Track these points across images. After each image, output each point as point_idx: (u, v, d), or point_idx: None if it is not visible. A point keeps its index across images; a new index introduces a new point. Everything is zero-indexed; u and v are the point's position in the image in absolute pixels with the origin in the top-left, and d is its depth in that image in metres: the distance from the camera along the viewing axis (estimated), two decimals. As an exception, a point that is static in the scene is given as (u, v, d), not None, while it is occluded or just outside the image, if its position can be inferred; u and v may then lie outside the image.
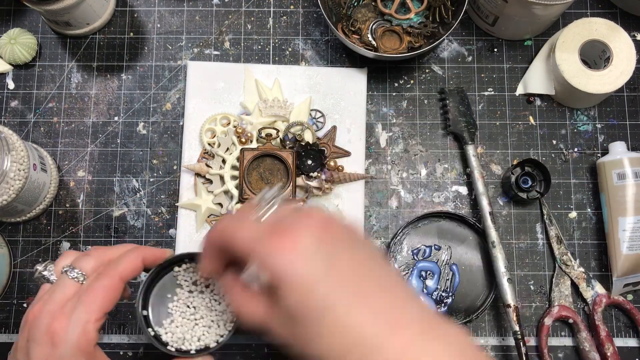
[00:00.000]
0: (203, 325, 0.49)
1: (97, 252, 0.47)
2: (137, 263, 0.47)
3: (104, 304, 0.44)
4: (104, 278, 0.45)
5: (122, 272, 0.45)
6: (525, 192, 0.65)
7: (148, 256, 0.48)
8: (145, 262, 0.47)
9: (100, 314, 0.44)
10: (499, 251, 0.62)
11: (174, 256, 0.49)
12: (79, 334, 0.42)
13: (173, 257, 0.49)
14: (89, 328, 0.43)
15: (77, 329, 0.43)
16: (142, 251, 0.47)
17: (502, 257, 0.62)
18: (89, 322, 0.43)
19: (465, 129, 0.67)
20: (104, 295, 0.44)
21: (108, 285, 0.45)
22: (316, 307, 0.37)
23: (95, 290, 0.44)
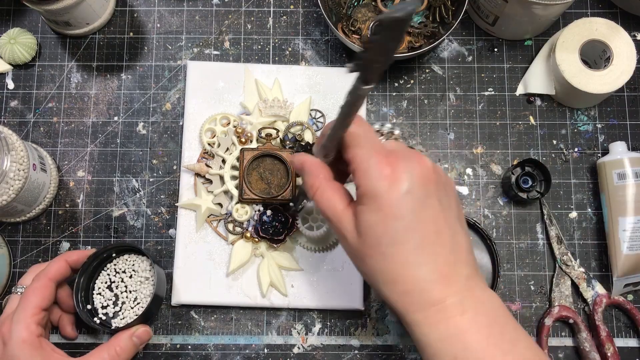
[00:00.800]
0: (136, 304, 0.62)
1: (32, 267, 0.60)
2: (62, 264, 0.58)
3: (37, 301, 0.54)
4: (34, 282, 0.56)
5: (49, 274, 0.56)
6: (526, 192, 0.65)
7: (71, 257, 0.59)
8: (70, 263, 0.59)
9: (36, 310, 0.54)
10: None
11: (101, 250, 0.60)
12: (19, 330, 0.52)
13: (100, 251, 0.60)
14: (28, 322, 0.53)
15: (18, 326, 0.53)
16: (65, 255, 0.59)
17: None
18: (26, 317, 0.53)
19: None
20: (35, 294, 0.55)
21: (38, 286, 0.55)
22: (391, 235, 0.41)
23: (27, 293, 0.55)
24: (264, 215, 0.64)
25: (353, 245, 0.43)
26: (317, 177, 0.46)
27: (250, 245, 0.64)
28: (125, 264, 0.63)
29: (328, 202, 0.45)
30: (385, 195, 0.41)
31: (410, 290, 0.41)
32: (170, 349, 0.64)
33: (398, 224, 0.41)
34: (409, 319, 0.42)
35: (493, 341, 0.40)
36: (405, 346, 0.64)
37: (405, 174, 0.41)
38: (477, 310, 0.41)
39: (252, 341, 0.64)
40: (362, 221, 0.42)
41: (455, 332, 0.40)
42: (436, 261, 0.41)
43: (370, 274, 0.43)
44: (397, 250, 0.41)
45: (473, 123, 0.69)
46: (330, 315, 0.64)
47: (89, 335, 0.64)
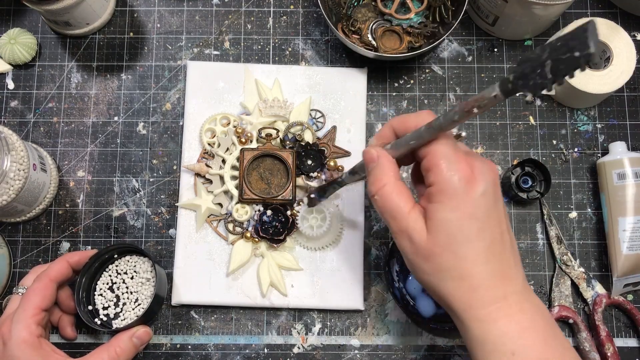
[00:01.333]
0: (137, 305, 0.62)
1: (34, 268, 0.60)
2: (63, 265, 0.58)
3: (37, 301, 0.55)
4: (35, 283, 0.56)
5: (50, 275, 0.57)
6: (526, 192, 0.65)
7: (73, 258, 0.59)
8: (71, 264, 0.59)
9: (36, 311, 0.54)
10: None
11: (103, 251, 0.61)
12: (19, 330, 0.53)
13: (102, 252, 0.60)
14: (28, 323, 0.53)
15: (18, 325, 0.53)
16: (67, 256, 0.59)
17: None
18: (25, 318, 0.53)
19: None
20: (36, 295, 0.55)
21: (38, 287, 0.55)
22: (466, 234, 0.42)
23: (28, 294, 0.55)
24: (264, 215, 0.64)
25: (420, 244, 0.44)
26: (388, 175, 0.46)
27: (250, 245, 0.64)
28: (126, 265, 0.63)
29: (394, 201, 0.45)
30: (464, 195, 0.42)
31: (477, 287, 0.43)
32: (170, 349, 0.64)
33: (473, 224, 0.43)
34: (471, 314, 0.43)
35: (550, 343, 0.42)
36: (405, 346, 0.64)
37: (482, 176, 0.43)
38: (535, 311, 0.44)
39: (252, 341, 0.64)
40: (436, 219, 0.43)
41: (516, 329, 0.42)
42: (501, 261, 0.44)
43: (435, 271, 0.44)
44: (470, 248, 0.43)
45: (473, 123, 0.69)
46: (330, 315, 0.65)
47: (89, 336, 0.64)
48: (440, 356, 0.64)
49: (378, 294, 0.65)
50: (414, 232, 0.44)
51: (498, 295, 0.43)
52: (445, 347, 0.64)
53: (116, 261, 0.63)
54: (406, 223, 0.45)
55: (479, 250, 0.43)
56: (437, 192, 0.43)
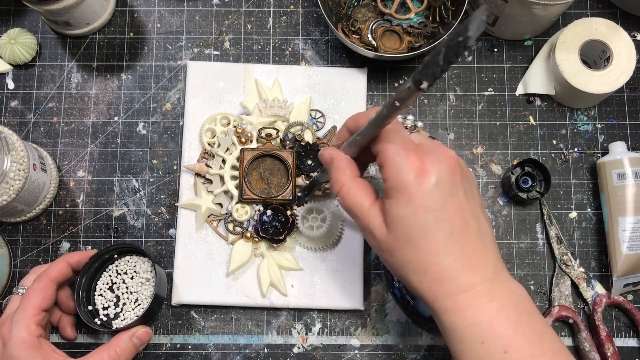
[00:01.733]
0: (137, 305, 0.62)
1: (34, 269, 0.60)
2: (63, 265, 0.58)
3: (37, 302, 0.54)
4: (35, 283, 0.56)
5: (51, 275, 0.56)
6: (525, 192, 0.65)
7: (73, 258, 0.59)
8: (71, 264, 0.59)
9: (36, 311, 0.54)
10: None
11: (103, 251, 0.60)
12: (19, 330, 0.52)
13: (102, 252, 0.60)
14: (28, 323, 0.53)
15: (18, 326, 0.53)
16: (67, 257, 0.59)
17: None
18: (26, 318, 0.53)
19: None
20: (36, 295, 0.55)
21: (39, 287, 0.55)
22: (422, 227, 0.42)
23: (28, 294, 0.55)
24: (264, 215, 0.64)
25: (381, 240, 0.44)
26: (344, 174, 0.47)
27: (250, 245, 0.64)
28: (126, 265, 0.63)
29: (354, 198, 0.46)
30: (415, 188, 0.42)
31: (440, 278, 0.43)
32: (170, 348, 0.64)
33: (428, 215, 0.42)
34: (438, 306, 0.43)
35: (521, 329, 0.42)
36: (405, 346, 0.64)
37: (433, 167, 0.43)
38: (505, 298, 0.43)
39: (252, 341, 0.64)
40: (391, 215, 0.43)
41: (484, 319, 0.42)
42: (464, 250, 0.43)
43: (399, 266, 0.44)
44: (428, 241, 0.42)
45: (473, 123, 0.69)
46: (330, 315, 0.65)
47: (89, 336, 0.64)
48: (440, 356, 0.64)
49: (378, 294, 0.65)
50: (374, 229, 0.45)
51: (463, 285, 0.42)
52: (445, 347, 0.64)
53: (116, 261, 0.63)
54: (367, 220, 0.45)
55: (438, 241, 0.42)
56: (389, 188, 0.43)
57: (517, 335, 0.41)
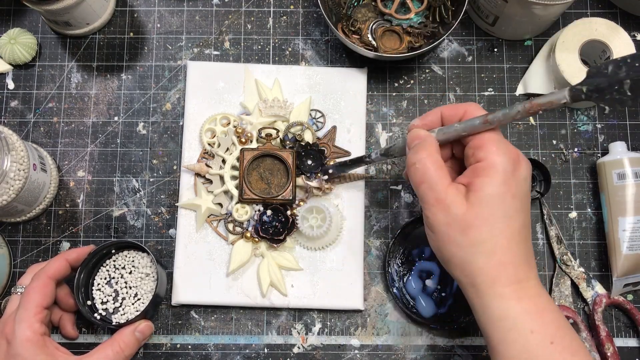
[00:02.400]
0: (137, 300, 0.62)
1: (31, 268, 0.60)
2: (62, 263, 0.57)
3: (38, 299, 0.54)
4: (34, 281, 0.56)
5: (49, 272, 0.56)
6: (525, 192, 0.65)
7: (71, 255, 0.59)
8: (70, 261, 0.58)
9: (38, 309, 0.54)
10: None
11: (101, 247, 0.60)
12: (23, 329, 0.52)
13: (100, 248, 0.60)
14: (31, 321, 0.53)
15: (20, 325, 0.53)
16: (65, 254, 0.59)
17: None
18: (28, 317, 0.53)
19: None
20: (36, 293, 0.55)
21: (38, 285, 0.55)
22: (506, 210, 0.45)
23: (28, 292, 0.55)
24: (264, 215, 0.64)
25: (458, 216, 0.46)
26: (430, 148, 0.49)
27: (250, 245, 0.64)
28: (124, 260, 0.63)
29: (436, 172, 0.47)
30: (511, 174, 0.45)
31: (506, 263, 0.45)
32: (170, 348, 0.64)
33: (515, 202, 0.45)
34: (495, 290, 0.45)
35: (562, 327, 0.45)
36: (405, 346, 0.64)
37: (524, 162, 0.47)
38: (548, 297, 0.46)
39: (252, 341, 0.64)
40: (482, 192, 0.45)
41: (536, 310, 0.45)
42: (527, 246, 0.47)
43: (468, 245, 0.45)
44: (507, 225, 0.45)
45: (473, 123, 0.69)
46: (330, 315, 0.65)
47: (90, 335, 0.64)
48: (440, 356, 0.64)
49: (378, 294, 0.65)
50: (453, 204, 0.46)
51: (522, 276, 0.45)
52: (445, 347, 0.64)
53: (114, 256, 0.63)
54: (445, 194, 0.46)
55: (513, 228, 0.45)
56: (486, 167, 0.46)
57: (559, 332, 0.44)
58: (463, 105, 0.50)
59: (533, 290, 0.46)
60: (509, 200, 0.45)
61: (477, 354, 0.64)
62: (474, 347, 0.64)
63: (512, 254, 0.45)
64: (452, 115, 0.51)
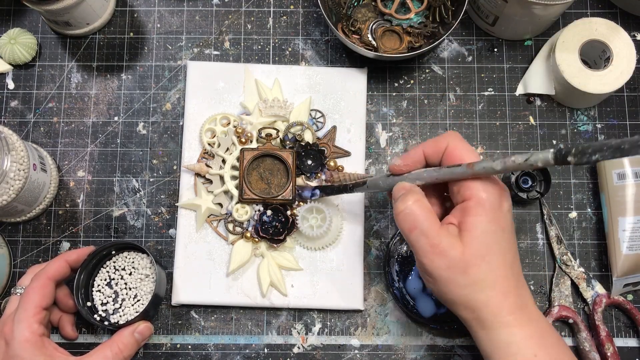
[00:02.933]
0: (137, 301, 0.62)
1: (31, 268, 0.60)
2: (61, 264, 0.57)
3: (37, 300, 0.54)
4: (34, 281, 0.56)
5: (48, 273, 0.56)
6: (525, 192, 0.65)
7: (71, 256, 0.59)
8: (69, 262, 0.58)
9: (36, 310, 0.54)
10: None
11: (100, 248, 0.60)
12: (22, 329, 0.52)
13: (100, 249, 0.60)
14: (30, 322, 0.53)
15: (20, 325, 0.53)
16: (65, 255, 0.59)
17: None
18: (27, 317, 0.53)
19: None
20: (35, 293, 0.54)
21: (37, 285, 0.55)
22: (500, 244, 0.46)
23: (27, 293, 0.55)
24: (264, 215, 0.64)
25: (457, 257, 0.46)
26: (416, 195, 0.49)
27: (250, 245, 0.64)
28: (124, 261, 0.63)
29: (427, 218, 0.47)
30: (498, 209, 0.47)
31: (507, 293, 0.46)
32: (170, 348, 0.64)
33: (506, 235, 0.47)
34: (501, 320, 0.46)
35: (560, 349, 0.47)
36: (405, 346, 0.64)
37: (507, 194, 0.48)
38: (545, 321, 0.48)
39: (252, 341, 0.64)
40: (476, 230, 0.46)
41: (538, 333, 0.46)
42: (519, 273, 0.49)
43: (471, 284, 0.46)
44: (502, 258, 0.46)
45: (473, 123, 0.69)
46: (330, 315, 0.65)
47: (89, 335, 0.64)
48: (441, 356, 0.64)
49: (378, 294, 0.65)
50: (449, 247, 0.46)
51: (521, 302, 0.47)
52: (445, 347, 0.64)
53: (114, 257, 0.63)
54: (439, 239, 0.46)
55: (507, 260, 0.47)
56: (475, 206, 0.46)
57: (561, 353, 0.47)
58: (444, 139, 0.50)
59: (534, 314, 0.47)
60: (500, 234, 0.46)
61: (477, 354, 0.64)
62: (474, 347, 0.64)
63: (511, 283, 0.47)
64: (435, 152, 0.50)
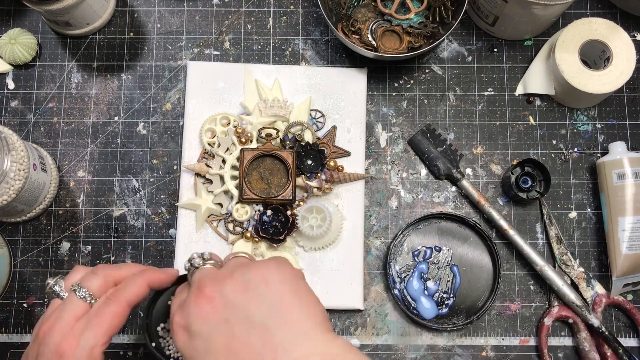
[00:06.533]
0: None
1: (104, 272, 0.48)
2: (144, 288, 0.48)
3: (111, 328, 0.45)
4: (112, 304, 0.46)
5: (129, 298, 0.47)
6: (525, 192, 0.65)
7: (154, 280, 0.49)
8: (151, 286, 0.48)
9: (107, 338, 0.45)
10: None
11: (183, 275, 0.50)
12: (86, 356, 0.44)
13: (183, 275, 0.50)
14: (96, 352, 0.44)
15: (85, 352, 0.44)
16: (149, 275, 0.48)
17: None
18: (96, 345, 0.44)
19: (452, 166, 0.67)
20: (111, 320, 0.45)
21: (115, 311, 0.46)
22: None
23: (103, 316, 0.45)
24: (264, 215, 0.64)
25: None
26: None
27: (250, 245, 0.64)
28: None
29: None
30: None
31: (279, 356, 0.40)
32: (171, 348, 0.64)
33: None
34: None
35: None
36: (405, 346, 0.64)
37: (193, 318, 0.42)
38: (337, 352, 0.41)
39: (252, 341, 0.64)
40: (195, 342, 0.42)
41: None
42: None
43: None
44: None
45: (473, 123, 0.69)
46: (330, 315, 0.65)
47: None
48: (440, 356, 0.64)
49: (378, 294, 0.65)
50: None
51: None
52: (445, 347, 0.64)
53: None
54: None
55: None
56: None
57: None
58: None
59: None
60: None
61: (477, 354, 0.64)
62: (474, 347, 0.64)
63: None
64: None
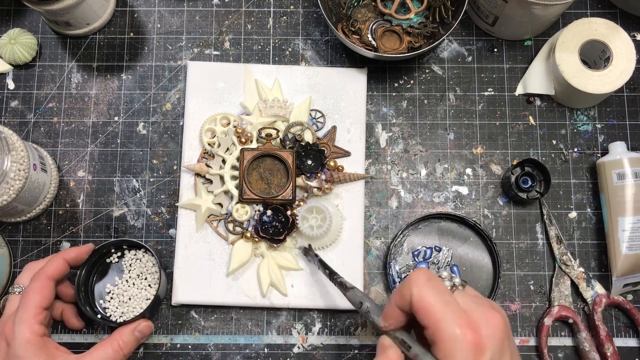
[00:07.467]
0: (138, 299, 0.62)
1: (28, 265, 0.59)
2: (60, 262, 0.57)
3: (38, 301, 0.54)
4: (34, 282, 0.56)
5: (48, 273, 0.56)
6: (525, 192, 0.65)
7: (70, 255, 0.58)
8: (68, 260, 0.58)
9: (37, 310, 0.54)
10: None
11: (100, 246, 0.60)
12: (23, 330, 0.53)
13: (99, 247, 0.60)
14: (31, 323, 0.53)
15: (21, 326, 0.53)
16: (64, 253, 0.58)
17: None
18: (28, 318, 0.53)
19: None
20: (35, 294, 0.55)
21: (37, 286, 0.55)
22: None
23: (28, 294, 0.55)
24: (264, 215, 0.64)
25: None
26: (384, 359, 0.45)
27: (250, 245, 0.64)
28: (126, 260, 0.63)
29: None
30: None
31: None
32: (170, 348, 0.64)
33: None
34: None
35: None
36: (405, 346, 0.64)
37: (489, 341, 0.41)
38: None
39: (252, 341, 0.64)
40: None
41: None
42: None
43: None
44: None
45: (473, 123, 0.69)
46: (330, 315, 0.65)
47: (90, 335, 0.64)
48: (440, 356, 0.64)
49: (378, 294, 0.65)
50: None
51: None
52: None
53: (114, 255, 0.63)
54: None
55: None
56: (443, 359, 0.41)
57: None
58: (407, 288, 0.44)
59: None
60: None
61: (477, 354, 0.64)
62: (474, 347, 0.64)
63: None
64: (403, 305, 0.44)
